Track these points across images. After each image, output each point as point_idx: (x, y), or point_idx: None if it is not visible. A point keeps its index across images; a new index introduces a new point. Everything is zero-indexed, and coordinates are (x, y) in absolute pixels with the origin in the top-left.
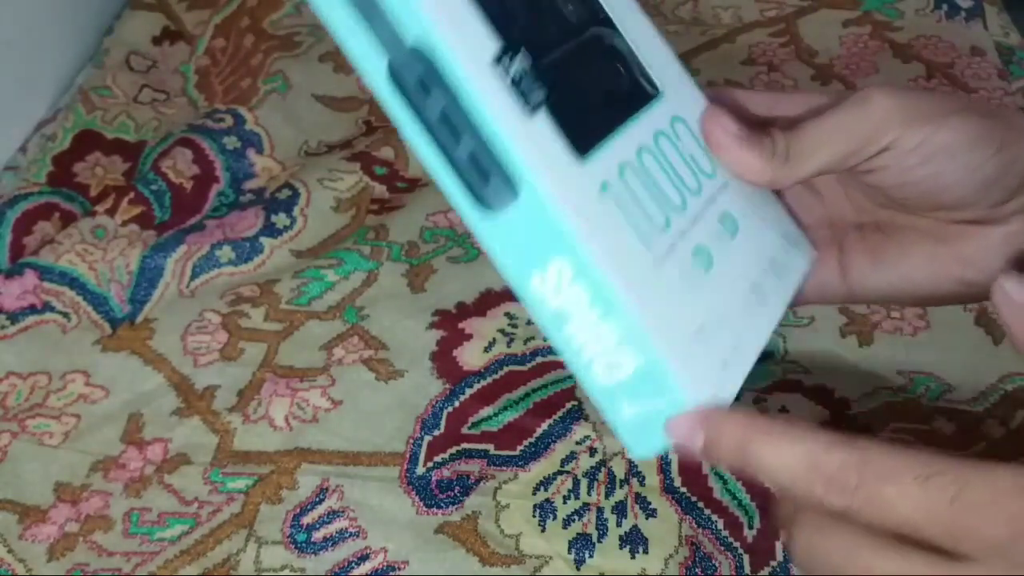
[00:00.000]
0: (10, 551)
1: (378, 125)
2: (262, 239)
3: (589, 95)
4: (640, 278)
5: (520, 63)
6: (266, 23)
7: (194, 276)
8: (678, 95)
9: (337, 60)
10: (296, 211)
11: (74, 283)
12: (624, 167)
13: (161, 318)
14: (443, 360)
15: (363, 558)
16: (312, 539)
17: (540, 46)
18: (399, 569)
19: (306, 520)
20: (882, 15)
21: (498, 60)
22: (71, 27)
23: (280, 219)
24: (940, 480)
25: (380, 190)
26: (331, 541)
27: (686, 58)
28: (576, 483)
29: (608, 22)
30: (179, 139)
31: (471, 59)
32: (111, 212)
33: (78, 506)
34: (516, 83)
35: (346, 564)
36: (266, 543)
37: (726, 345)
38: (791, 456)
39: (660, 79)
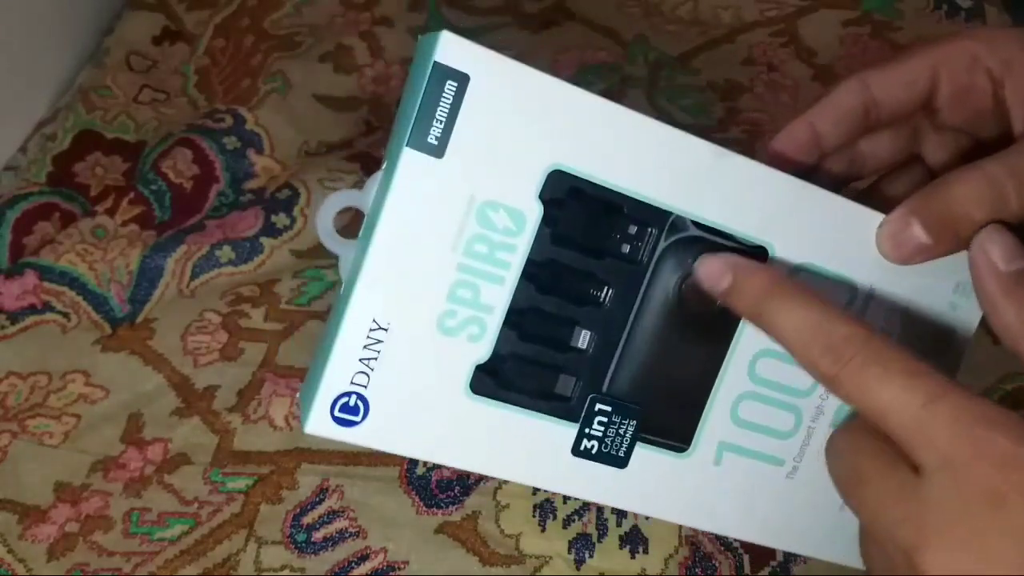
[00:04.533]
0: (10, 551)
1: (378, 125)
2: (262, 239)
3: (676, 377)
4: (771, 508)
5: (597, 426)
6: (266, 23)
7: (194, 276)
8: (797, 228)
9: (337, 60)
10: (296, 211)
11: (74, 283)
12: (736, 406)
13: (161, 318)
14: None
15: (363, 558)
16: (312, 539)
17: (610, 359)
18: (399, 569)
19: (306, 520)
20: (882, 15)
21: (576, 448)
22: (71, 27)
23: (280, 219)
24: (925, 381)
25: None
26: (331, 541)
27: (686, 58)
28: None
29: (677, 225)
30: (179, 139)
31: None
32: (111, 212)
33: (78, 506)
34: (600, 456)
35: (346, 564)
36: (266, 543)
37: None
38: (802, 317)
39: (768, 224)
